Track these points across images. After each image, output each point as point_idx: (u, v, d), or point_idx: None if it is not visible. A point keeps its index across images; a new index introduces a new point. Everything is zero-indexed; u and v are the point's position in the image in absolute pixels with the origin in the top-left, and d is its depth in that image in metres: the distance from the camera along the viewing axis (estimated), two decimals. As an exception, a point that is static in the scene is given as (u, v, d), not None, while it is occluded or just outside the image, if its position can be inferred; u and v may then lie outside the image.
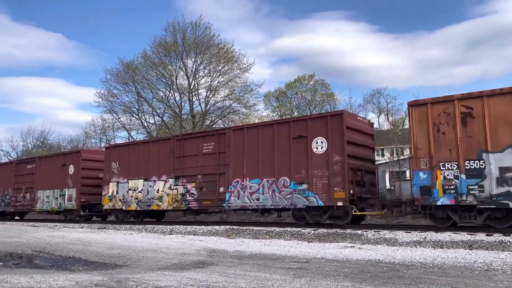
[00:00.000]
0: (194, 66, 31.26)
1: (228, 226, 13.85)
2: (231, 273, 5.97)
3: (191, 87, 31.38)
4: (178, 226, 14.89)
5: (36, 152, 45.01)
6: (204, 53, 30.90)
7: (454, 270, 6.03)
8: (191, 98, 31.77)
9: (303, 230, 11.81)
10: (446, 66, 73.00)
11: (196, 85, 31.62)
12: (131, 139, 31.83)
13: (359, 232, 10.85)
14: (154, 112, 32.73)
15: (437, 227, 11.02)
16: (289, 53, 72.31)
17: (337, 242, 9.91)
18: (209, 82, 31.47)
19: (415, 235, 9.98)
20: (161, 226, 15.16)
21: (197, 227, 14.07)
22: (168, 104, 32.17)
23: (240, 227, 13.34)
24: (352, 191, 12.43)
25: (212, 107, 32.13)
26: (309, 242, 10.08)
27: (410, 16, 78.64)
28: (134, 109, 32.72)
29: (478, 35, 68.39)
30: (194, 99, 31.96)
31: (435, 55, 70.17)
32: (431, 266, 6.39)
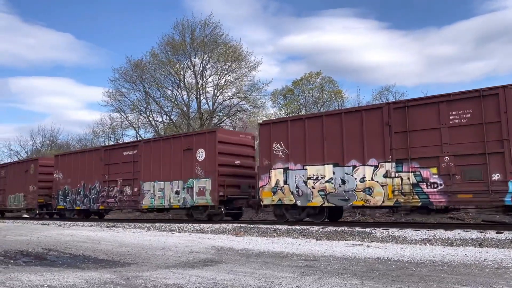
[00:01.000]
0: (202, 65, 31.34)
1: (236, 224, 13.90)
2: (239, 271, 5.98)
3: (199, 86, 31.46)
4: (187, 224, 14.99)
5: (45, 152, 44.69)
6: (212, 52, 30.95)
7: (464, 268, 5.98)
8: (199, 97, 31.86)
9: (311, 228, 11.80)
10: (456, 63, 72.18)
11: (204, 84, 31.71)
12: (138, 138, 31.96)
13: (368, 230, 10.81)
14: (162, 111, 32.90)
15: (447, 225, 11.03)
16: (297, 51, 71.90)
17: (346, 240, 9.88)
18: (217, 81, 31.55)
19: (424, 233, 9.91)
20: (170, 225, 15.28)
21: (205, 225, 14.13)
22: (176, 103, 32.30)
23: (248, 225, 13.37)
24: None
25: (220, 106, 32.21)
26: (317, 240, 10.06)
27: (419, 13, 77.86)
28: (142, 108, 32.90)
29: (488, 31, 67.50)
30: (202, 98, 32.06)
31: (445, 52, 69.45)
32: (441, 264, 6.35)
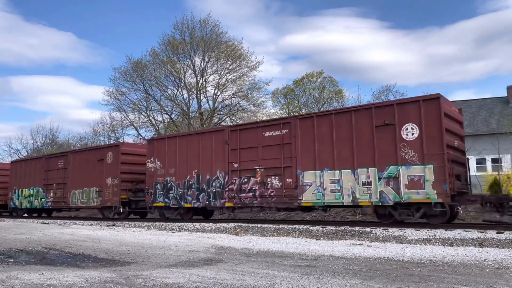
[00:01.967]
0: (202, 64, 31.35)
1: (236, 224, 13.88)
2: (239, 270, 5.97)
3: (199, 85, 31.46)
4: (187, 224, 14.96)
5: (46, 151, 44.16)
6: (212, 51, 30.95)
7: (464, 268, 5.97)
8: (199, 96, 31.87)
9: (311, 228, 11.79)
10: (457, 62, 72.31)
11: (204, 83, 31.71)
12: (139, 137, 31.96)
13: (368, 230, 10.80)
14: (162, 110, 32.90)
15: (447, 225, 11.07)
16: (299, 51, 72.01)
17: (346, 240, 9.87)
18: (217, 80, 31.55)
19: (425, 233, 9.91)
20: (170, 224, 15.25)
21: (205, 225, 14.12)
22: (176, 102, 32.30)
23: (248, 225, 13.36)
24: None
25: (220, 105, 32.21)
26: (317, 240, 10.05)
27: (421, 12, 77.91)
28: (143, 107, 32.90)
29: (490, 31, 67.53)
30: (202, 97, 32.06)
31: (446, 51, 69.58)
32: (441, 264, 6.34)
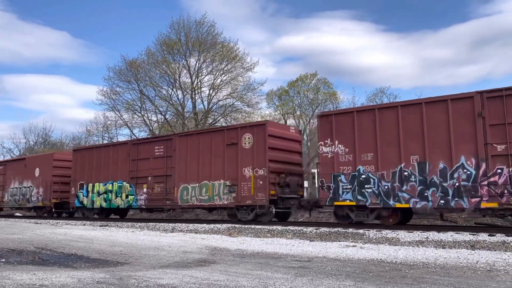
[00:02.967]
0: (197, 64, 31.30)
1: (230, 225, 13.86)
2: (233, 272, 5.97)
3: (194, 85, 31.40)
4: (180, 224, 14.93)
5: (38, 150, 44.10)
6: (208, 51, 30.91)
7: (457, 270, 6.01)
8: (194, 96, 31.79)
9: (305, 229, 11.81)
10: (452, 66, 72.64)
11: (199, 83, 31.64)
12: (133, 137, 31.84)
13: (361, 232, 10.84)
14: (157, 110, 32.78)
15: (440, 227, 11.16)
16: (294, 52, 71.99)
17: (339, 241, 9.89)
18: (212, 81, 31.50)
19: (417, 235, 9.96)
20: (163, 224, 15.20)
21: (199, 225, 14.09)
22: (171, 102, 32.20)
23: (242, 226, 13.35)
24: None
25: (215, 106, 32.17)
26: (311, 241, 10.07)
27: (416, 16, 78.22)
28: (137, 107, 32.75)
29: (484, 35, 67.99)
30: (197, 97, 31.99)
31: (441, 55, 69.84)
32: (434, 266, 6.38)
